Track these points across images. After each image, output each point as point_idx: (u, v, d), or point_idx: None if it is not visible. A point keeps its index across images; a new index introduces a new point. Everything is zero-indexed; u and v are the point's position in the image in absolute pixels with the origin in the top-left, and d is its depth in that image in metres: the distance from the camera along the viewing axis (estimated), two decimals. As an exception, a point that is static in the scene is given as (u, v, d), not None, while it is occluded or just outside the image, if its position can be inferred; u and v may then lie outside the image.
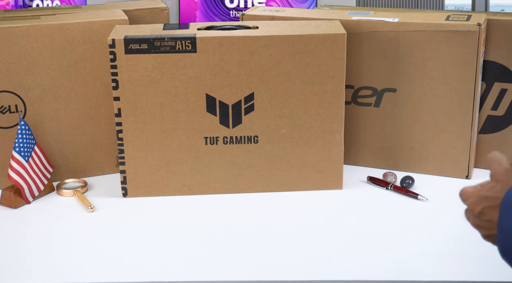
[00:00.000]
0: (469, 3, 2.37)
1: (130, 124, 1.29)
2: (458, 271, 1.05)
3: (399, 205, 1.29)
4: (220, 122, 1.30)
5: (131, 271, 1.07)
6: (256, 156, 1.32)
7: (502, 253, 0.81)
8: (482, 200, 0.83)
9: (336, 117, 1.30)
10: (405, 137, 1.41)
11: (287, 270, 1.07)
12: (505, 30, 1.35)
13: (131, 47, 1.24)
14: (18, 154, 1.27)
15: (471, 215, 0.86)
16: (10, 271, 1.07)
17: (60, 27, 1.32)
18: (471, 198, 0.85)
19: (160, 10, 1.52)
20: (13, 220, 1.26)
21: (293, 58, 1.26)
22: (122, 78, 1.26)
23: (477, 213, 0.84)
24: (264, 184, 1.34)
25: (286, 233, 1.19)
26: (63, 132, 1.39)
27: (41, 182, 1.32)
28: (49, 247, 1.15)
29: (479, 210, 0.83)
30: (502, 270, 1.03)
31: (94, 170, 1.43)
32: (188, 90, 1.27)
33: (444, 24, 1.31)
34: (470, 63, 1.31)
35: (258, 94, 1.28)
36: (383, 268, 1.07)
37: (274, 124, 1.30)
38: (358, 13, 1.41)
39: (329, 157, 1.33)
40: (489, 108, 1.41)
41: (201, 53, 1.25)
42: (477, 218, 0.84)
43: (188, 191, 1.34)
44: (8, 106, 1.34)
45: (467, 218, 0.87)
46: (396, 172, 1.42)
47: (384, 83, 1.39)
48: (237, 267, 1.08)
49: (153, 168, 1.32)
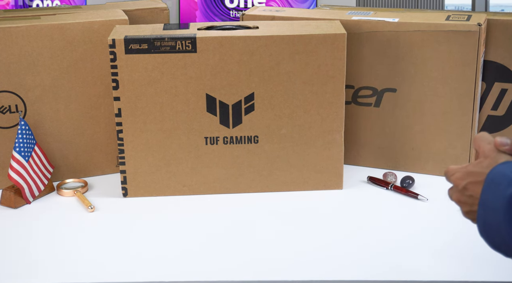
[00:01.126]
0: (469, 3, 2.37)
1: (130, 124, 1.29)
2: (458, 271, 1.05)
3: (399, 205, 1.29)
4: (220, 122, 1.30)
5: (131, 271, 1.07)
6: (256, 156, 1.32)
7: (480, 230, 0.81)
8: (467, 175, 0.84)
9: (336, 117, 1.30)
10: (405, 137, 1.41)
11: (287, 270, 1.07)
12: (505, 30, 1.35)
13: (131, 47, 1.24)
14: (18, 154, 1.27)
15: (455, 190, 0.86)
16: (10, 271, 1.07)
17: (60, 27, 1.32)
18: (457, 174, 0.85)
19: (160, 10, 1.52)
20: (13, 220, 1.26)
21: (293, 58, 1.26)
22: (122, 78, 1.26)
23: (461, 188, 0.84)
24: (264, 184, 1.34)
25: (286, 233, 1.19)
26: (63, 132, 1.39)
27: (41, 182, 1.32)
28: (49, 247, 1.15)
29: (463, 185, 0.83)
30: (502, 270, 1.04)
31: (94, 170, 1.43)
32: (188, 90, 1.27)
33: (444, 24, 1.31)
34: (470, 63, 1.31)
35: (258, 94, 1.28)
36: (383, 268, 1.07)
37: (274, 124, 1.30)
38: (358, 13, 1.41)
39: (329, 157, 1.33)
40: (489, 108, 1.41)
41: (201, 53, 1.25)
42: (459, 193, 0.84)
43: (188, 191, 1.34)
44: (8, 106, 1.34)
45: (450, 195, 0.87)
46: (396, 172, 1.42)
47: (384, 83, 1.39)
48: (237, 267, 1.08)
49: (153, 168, 1.32)
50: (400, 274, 1.05)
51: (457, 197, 0.85)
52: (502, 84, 1.39)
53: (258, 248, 1.14)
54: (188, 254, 1.12)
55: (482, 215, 0.80)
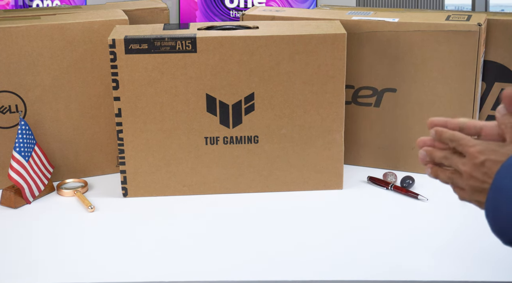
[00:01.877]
0: (469, 3, 2.37)
1: (130, 124, 1.29)
2: (458, 270, 1.05)
3: (399, 205, 1.29)
4: (220, 122, 1.30)
5: (131, 271, 1.07)
6: (256, 156, 1.32)
7: (488, 214, 0.78)
8: (490, 152, 0.79)
9: (336, 117, 1.30)
10: (405, 137, 1.41)
11: (287, 270, 1.07)
12: (505, 30, 1.35)
13: (131, 47, 1.24)
14: (18, 154, 1.27)
15: (469, 162, 0.81)
16: (10, 271, 1.07)
17: (60, 27, 1.32)
18: (478, 146, 0.81)
19: (160, 10, 1.52)
20: (13, 220, 1.26)
21: (293, 58, 1.26)
22: (122, 78, 1.26)
23: (478, 162, 0.80)
24: (264, 184, 1.34)
25: (286, 233, 1.19)
26: (63, 132, 1.39)
27: (41, 182, 1.32)
28: (49, 247, 1.15)
29: (482, 160, 0.79)
30: (502, 270, 1.04)
31: (94, 170, 1.43)
32: (188, 90, 1.27)
33: (444, 24, 1.31)
34: (470, 63, 1.31)
35: (258, 94, 1.28)
36: (383, 268, 1.07)
37: (274, 124, 1.30)
38: (358, 13, 1.41)
39: (329, 157, 1.33)
40: (489, 108, 1.41)
41: (201, 53, 1.25)
42: (475, 167, 0.80)
43: (188, 191, 1.34)
44: (8, 106, 1.34)
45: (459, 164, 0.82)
46: (396, 172, 1.42)
47: (384, 83, 1.39)
48: (237, 267, 1.08)
49: (153, 168, 1.32)
50: (400, 274, 1.05)
51: (470, 170, 0.81)
52: (502, 84, 1.39)
53: (258, 248, 1.14)
54: (188, 254, 1.12)
55: (494, 199, 0.77)
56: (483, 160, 0.79)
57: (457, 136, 0.84)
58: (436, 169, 0.88)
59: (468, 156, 0.81)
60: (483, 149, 0.80)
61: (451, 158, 0.85)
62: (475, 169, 0.80)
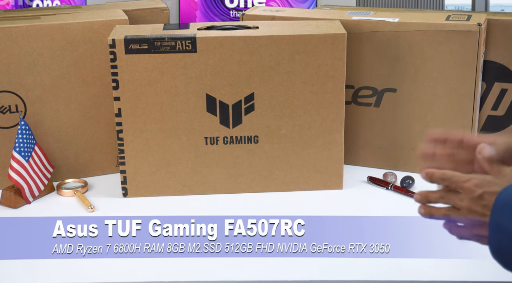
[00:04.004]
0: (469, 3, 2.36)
1: (130, 124, 1.29)
2: (458, 270, 1.05)
3: (399, 205, 1.29)
4: (220, 122, 1.30)
5: (131, 271, 1.07)
6: (256, 156, 1.32)
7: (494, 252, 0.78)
8: (487, 184, 0.79)
9: (336, 117, 1.30)
10: (405, 137, 1.41)
11: (287, 270, 1.07)
12: (505, 30, 1.35)
13: (131, 47, 1.24)
14: (18, 154, 1.27)
15: (466, 198, 0.80)
16: (10, 271, 1.07)
17: (60, 27, 1.32)
18: (473, 180, 0.80)
19: (160, 10, 1.52)
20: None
21: (293, 58, 1.26)
22: (122, 78, 1.26)
23: (476, 196, 0.79)
24: (264, 184, 1.34)
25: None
26: (63, 132, 1.39)
27: (41, 182, 1.32)
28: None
29: (480, 193, 0.79)
30: (502, 270, 1.03)
31: (94, 170, 1.43)
32: (188, 90, 1.27)
33: (444, 24, 1.31)
34: (470, 63, 1.31)
35: (258, 94, 1.28)
36: (383, 268, 1.07)
37: (274, 124, 1.30)
38: (358, 13, 1.41)
39: (329, 157, 1.33)
40: (489, 108, 1.41)
41: (201, 53, 1.25)
42: (473, 201, 0.80)
43: (188, 191, 1.34)
44: (8, 106, 1.34)
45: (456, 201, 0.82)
46: (396, 172, 1.42)
47: (384, 83, 1.39)
48: (237, 267, 1.08)
49: (153, 168, 1.32)
50: (400, 274, 1.05)
51: (468, 205, 0.80)
52: (502, 84, 1.39)
53: (258, 248, 1.14)
54: (188, 254, 1.12)
55: (496, 238, 0.77)
56: (481, 193, 0.79)
57: (447, 175, 0.83)
58: (430, 208, 0.87)
59: (465, 191, 0.81)
60: (479, 182, 0.79)
61: (447, 196, 0.84)
62: (473, 203, 0.80)
